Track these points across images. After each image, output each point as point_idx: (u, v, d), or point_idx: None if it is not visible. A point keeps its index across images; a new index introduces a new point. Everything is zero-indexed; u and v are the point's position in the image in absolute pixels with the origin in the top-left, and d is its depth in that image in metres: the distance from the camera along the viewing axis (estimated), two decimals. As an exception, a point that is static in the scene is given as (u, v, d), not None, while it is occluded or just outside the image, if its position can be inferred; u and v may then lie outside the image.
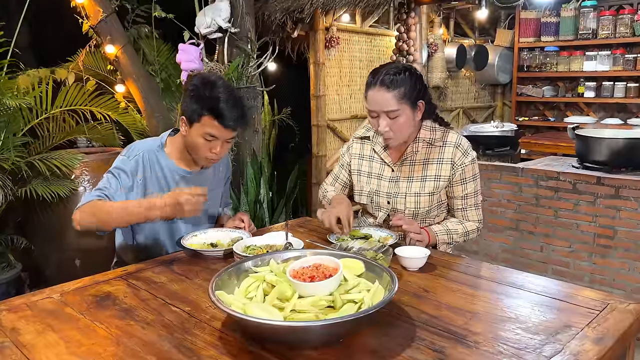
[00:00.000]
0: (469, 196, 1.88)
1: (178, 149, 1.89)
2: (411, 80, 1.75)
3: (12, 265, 3.04)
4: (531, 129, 6.27)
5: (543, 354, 1.09)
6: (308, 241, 1.81)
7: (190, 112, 1.75)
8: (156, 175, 1.86)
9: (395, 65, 1.78)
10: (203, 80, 1.77)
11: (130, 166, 1.81)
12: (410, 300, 1.37)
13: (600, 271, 2.98)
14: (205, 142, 1.77)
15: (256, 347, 1.14)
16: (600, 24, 5.45)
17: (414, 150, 1.88)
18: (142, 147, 1.87)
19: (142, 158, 1.83)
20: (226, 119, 1.73)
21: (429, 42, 5.49)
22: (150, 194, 1.83)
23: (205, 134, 1.75)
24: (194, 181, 1.91)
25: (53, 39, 4.05)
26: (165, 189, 1.86)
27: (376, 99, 1.74)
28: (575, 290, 1.44)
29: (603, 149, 3.03)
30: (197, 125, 1.75)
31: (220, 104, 1.71)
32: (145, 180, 1.83)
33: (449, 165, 1.85)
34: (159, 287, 1.50)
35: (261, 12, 4.02)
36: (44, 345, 1.17)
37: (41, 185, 2.93)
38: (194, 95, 1.75)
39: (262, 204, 3.53)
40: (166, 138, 1.92)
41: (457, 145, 1.86)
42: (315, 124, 4.41)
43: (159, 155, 1.87)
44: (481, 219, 1.93)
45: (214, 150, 1.79)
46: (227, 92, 1.74)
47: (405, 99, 1.73)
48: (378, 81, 1.73)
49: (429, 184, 1.86)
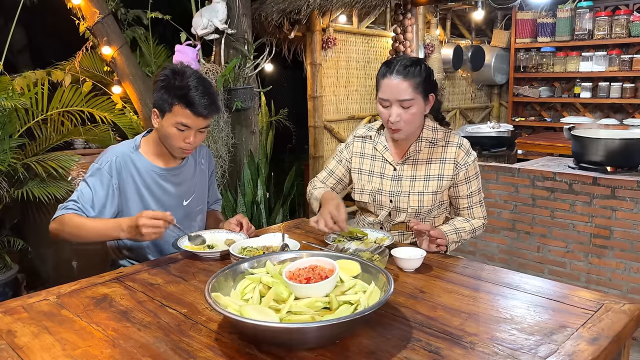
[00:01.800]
0: (473, 194, 1.91)
1: (153, 147, 1.89)
2: (426, 71, 1.78)
3: (9, 267, 3.03)
4: (528, 130, 6.29)
5: (538, 355, 1.10)
6: (304, 242, 1.81)
7: (161, 102, 1.76)
8: (132, 177, 1.85)
9: (409, 57, 1.82)
10: (172, 71, 1.77)
11: (103, 173, 1.81)
12: (406, 302, 1.37)
13: (596, 271, 2.99)
14: (178, 132, 1.77)
15: (252, 349, 1.14)
16: (596, 25, 5.48)
17: (416, 149, 1.89)
18: (115, 152, 1.86)
19: (115, 163, 1.83)
20: (197, 107, 1.73)
21: (426, 43, 5.50)
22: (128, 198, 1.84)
23: (177, 123, 1.75)
24: (174, 177, 1.91)
25: (49, 40, 4.05)
26: (143, 189, 1.86)
27: (390, 87, 1.75)
28: (571, 291, 1.45)
29: (599, 150, 3.04)
30: (169, 115, 1.76)
31: (190, 91, 1.72)
32: (121, 184, 1.83)
33: (452, 165, 1.87)
34: (156, 289, 1.50)
35: (258, 13, 4.02)
36: (41, 347, 1.17)
37: (38, 187, 2.92)
38: (164, 85, 1.75)
39: (259, 205, 3.53)
40: (140, 139, 1.92)
41: (459, 145, 1.88)
42: (312, 124, 4.42)
43: (134, 156, 1.86)
44: (485, 215, 1.96)
45: (187, 140, 1.79)
46: (196, 80, 1.75)
47: (420, 89, 1.76)
48: (394, 70, 1.75)
49: (432, 183, 1.88)
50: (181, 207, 1.96)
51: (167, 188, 1.91)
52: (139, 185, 1.86)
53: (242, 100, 3.50)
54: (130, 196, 1.85)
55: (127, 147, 1.89)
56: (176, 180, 1.93)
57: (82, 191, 1.80)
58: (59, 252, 3.14)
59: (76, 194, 1.81)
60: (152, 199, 1.88)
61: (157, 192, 1.89)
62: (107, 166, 1.81)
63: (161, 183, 1.89)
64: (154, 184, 1.88)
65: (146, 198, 1.87)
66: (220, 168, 3.54)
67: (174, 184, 1.93)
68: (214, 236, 1.88)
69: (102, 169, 1.81)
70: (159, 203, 1.90)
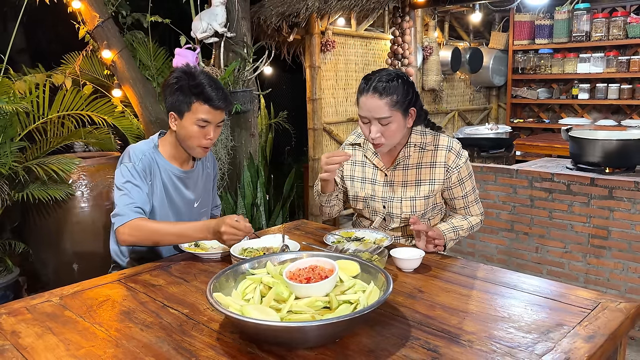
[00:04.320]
0: (468, 194, 1.92)
1: (169, 149, 1.92)
2: (403, 87, 1.75)
3: (10, 270, 3.04)
4: (526, 131, 6.32)
5: (535, 352, 1.11)
6: (304, 243, 1.83)
7: (179, 104, 1.81)
8: (156, 175, 1.88)
9: (387, 72, 1.78)
10: (183, 72, 1.83)
11: (139, 171, 1.82)
12: (405, 301, 1.39)
13: (594, 271, 3.01)
14: (199, 130, 1.82)
15: (253, 348, 1.15)
16: (594, 27, 5.50)
17: (405, 155, 1.90)
18: (141, 150, 1.88)
19: (145, 160, 1.85)
20: (215, 100, 1.80)
21: (424, 46, 5.52)
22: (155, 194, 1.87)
23: (199, 120, 1.81)
24: (188, 180, 1.95)
25: (49, 44, 4.07)
26: (166, 187, 1.90)
27: (368, 105, 1.75)
28: (567, 290, 1.46)
29: (597, 151, 3.06)
30: (189, 114, 1.81)
31: (206, 88, 1.79)
32: (153, 181, 1.87)
33: (442, 169, 1.87)
34: (157, 289, 1.51)
35: (257, 16, 4.04)
36: (44, 348, 1.18)
37: (38, 190, 2.94)
38: (178, 87, 1.80)
39: (259, 207, 3.55)
40: (157, 140, 1.94)
41: (449, 149, 1.88)
42: (312, 127, 4.43)
43: (155, 156, 1.90)
44: (482, 211, 1.97)
45: (208, 136, 1.84)
46: (207, 77, 1.83)
47: (397, 106, 1.74)
48: (371, 88, 1.74)
49: (423, 188, 1.89)
50: (192, 209, 2.00)
51: (182, 190, 1.95)
52: (161, 185, 1.90)
53: (241, 103, 3.51)
54: (156, 195, 1.88)
55: (149, 146, 1.91)
56: (189, 183, 1.98)
57: (131, 192, 1.78)
58: (60, 255, 3.15)
59: (125, 196, 1.78)
60: (169, 200, 1.92)
61: (173, 193, 1.93)
62: (140, 164, 1.84)
63: (178, 185, 1.93)
64: (172, 185, 1.92)
65: (165, 198, 1.90)
66: (220, 170, 3.55)
67: (188, 186, 1.97)
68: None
69: (137, 167, 1.83)
70: (175, 205, 1.93)
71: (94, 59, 3.70)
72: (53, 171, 2.93)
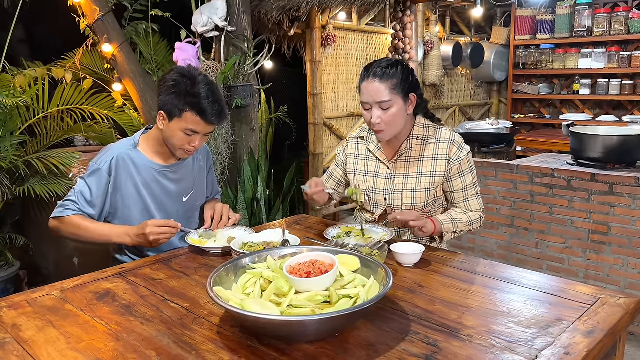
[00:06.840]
0: (468, 187, 1.92)
1: (153, 144, 1.91)
2: (403, 72, 1.80)
3: (11, 264, 3.05)
4: (527, 126, 6.31)
5: (534, 347, 1.12)
6: (305, 238, 1.83)
7: (171, 107, 1.76)
8: (130, 176, 1.87)
9: (386, 59, 1.84)
10: (182, 75, 1.77)
11: (102, 173, 1.83)
12: (405, 295, 1.39)
13: (594, 267, 3.02)
14: (185, 137, 1.79)
15: (254, 342, 1.16)
16: (596, 22, 5.49)
17: (408, 147, 1.91)
18: (113, 151, 1.88)
19: (113, 162, 1.85)
20: (209, 115, 1.75)
21: (425, 40, 5.51)
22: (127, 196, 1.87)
23: (187, 129, 1.77)
24: (172, 174, 1.94)
25: (49, 38, 4.06)
26: (142, 187, 1.88)
27: (369, 90, 1.79)
28: (567, 285, 1.47)
29: (597, 146, 3.06)
30: (178, 120, 1.77)
31: (202, 100, 1.73)
32: (118, 183, 1.86)
33: (444, 161, 1.88)
34: (158, 283, 1.52)
35: (257, 10, 4.02)
36: (45, 341, 1.19)
37: (39, 184, 2.94)
38: (174, 90, 1.75)
39: (259, 202, 3.54)
40: (139, 137, 1.93)
41: (451, 141, 1.89)
42: (312, 122, 4.43)
43: (133, 155, 1.88)
44: (482, 207, 1.97)
45: (193, 144, 1.82)
46: (207, 87, 1.76)
47: (397, 90, 1.78)
48: (371, 73, 1.79)
49: (425, 180, 1.90)
50: (181, 203, 1.98)
51: (166, 185, 1.93)
52: (137, 183, 1.88)
53: (242, 97, 3.50)
54: (130, 195, 1.87)
55: (126, 146, 1.90)
56: (175, 177, 1.95)
57: (81, 190, 1.83)
58: (61, 249, 3.16)
59: (74, 192, 1.84)
60: (151, 196, 1.91)
61: (156, 189, 1.91)
62: (105, 166, 1.84)
63: (160, 180, 1.91)
64: (153, 182, 1.90)
65: (145, 196, 1.89)
66: (220, 165, 3.55)
67: (173, 180, 1.95)
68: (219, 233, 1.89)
69: (102, 169, 1.83)
70: (158, 200, 1.92)
71: (94, 52, 3.69)
72: (53, 165, 2.93)
